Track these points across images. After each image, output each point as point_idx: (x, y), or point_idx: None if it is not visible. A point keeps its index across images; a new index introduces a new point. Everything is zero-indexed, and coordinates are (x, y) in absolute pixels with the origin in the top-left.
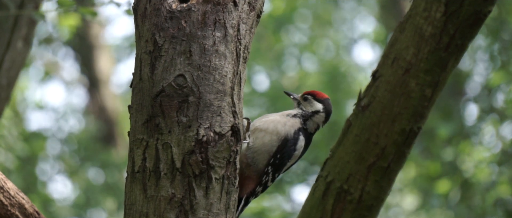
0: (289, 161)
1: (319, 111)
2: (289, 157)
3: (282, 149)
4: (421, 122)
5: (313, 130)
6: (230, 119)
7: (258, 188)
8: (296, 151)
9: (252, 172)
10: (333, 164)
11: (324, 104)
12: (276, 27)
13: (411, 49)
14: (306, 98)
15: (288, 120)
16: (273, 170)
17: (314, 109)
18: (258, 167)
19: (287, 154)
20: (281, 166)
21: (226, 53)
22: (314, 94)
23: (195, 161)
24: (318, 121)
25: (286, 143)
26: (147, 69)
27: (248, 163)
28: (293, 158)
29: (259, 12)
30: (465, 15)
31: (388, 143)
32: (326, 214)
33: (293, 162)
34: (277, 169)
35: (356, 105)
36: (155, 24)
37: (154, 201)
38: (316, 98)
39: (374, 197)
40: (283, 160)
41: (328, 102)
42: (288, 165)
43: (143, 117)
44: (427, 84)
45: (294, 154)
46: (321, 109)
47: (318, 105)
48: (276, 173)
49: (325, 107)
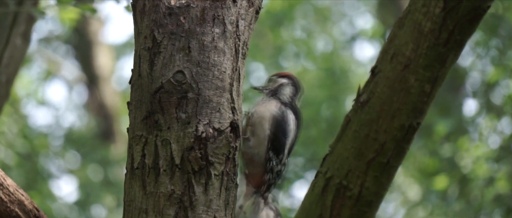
0: (286, 138)
1: (283, 84)
2: (284, 133)
3: (274, 127)
4: (420, 117)
5: (289, 99)
6: (229, 115)
7: (266, 176)
8: (289, 125)
9: (257, 165)
10: (332, 160)
11: (288, 78)
12: (274, 23)
13: (410, 44)
14: (270, 80)
15: (265, 104)
16: (276, 153)
17: (278, 83)
18: (261, 157)
19: (281, 129)
20: (280, 145)
21: (225, 49)
22: (277, 74)
23: (194, 157)
24: (286, 91)
25: (276, 121)
26: (146, 65)
27: (250, 158)
28: (289, 132)
29: (258, 8)
30: (464, 11)
31: (388, 138)
32: (325, 210)
33: (293, 138)
34: (278, 149)
35: (355, 101)
36: (154, 21)
37: (153, 198)
38: (279, 76)
39: (373, 193)
40: (279, 138)
41: (291, 76)
42: (289, 142)
43: (142, 113)
44: (426, 80)
45: (288, 128)
46: (286, 81)
47: (282, 80)
48: (279, 154)
49: (289, 79)
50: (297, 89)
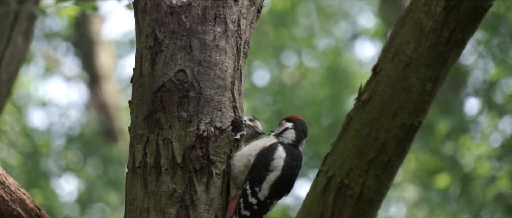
0: (268, 171)
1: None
2: (266, 164)
3: (257, 159)
4: (421, 116)
5: (290, 142)
6: (231, 114)
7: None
8: (274, 159)
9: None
10: (334, 159)
11: (295, 123)
12: (276, 22)
13: (412, 43)
14: (280, 124)
15: (263, 140)
16: (252, 184)
17: (284, 127)
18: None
19: (264, 161)
20: (259, 178)
21: (227, 48)
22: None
23: (196, 156)
24: (289, 135)
25: (261, 154)
26: (148, 64)
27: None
28: (273, 167)
29: (260, 7)
30: (465, 10)
31: (389, 137)
32: (327, 208)
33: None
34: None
35: (357, 100)
36: (156, 19)
37: (155, 197)
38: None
39: (375, 192)
40: (260, 169)
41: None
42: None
43: (143, 112)
44: (427, 79)
45: (272, 162)
46: (290, 126)
47: (287, 124)
48: (255, 186)
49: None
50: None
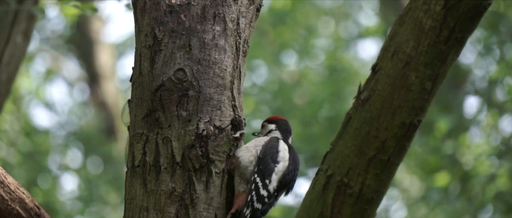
0: (276, 162)
1: (272, 130)
2: (273, 156)
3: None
4: (421, 115)
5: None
6: (230, 112)
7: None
8: (280, 151)
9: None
10: (333, 158)
11: (277, 124)
12: (276, 21)
13: (411, 42)
14: (262, 126)
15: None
16: (261, 176)
17: (268, 130)
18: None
19: (270, 153)
20: (268, 169)
21: (226, 47)
22: (268, 120)
23: (195, 155)
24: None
25: (266, 146)
26: (147, 63)
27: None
28: (280, 158)
29: (259, 6)
30: (464, 8)
31: (388, 136)
32: (326, 207)
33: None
34: (266, 172)
35: (356, 99)
36: (155, 18)
37: (154, 196)
38: (268, 121)
39: (374, 190)
40: (267, 162)
41: (281, 121)
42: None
43: (143, 111)
44: (427, 78)
45: (278, 154)
46: (274, 127)
47: (271, 126)
48: (265, 178)
49: (277, 125)
50: (285, 134)
